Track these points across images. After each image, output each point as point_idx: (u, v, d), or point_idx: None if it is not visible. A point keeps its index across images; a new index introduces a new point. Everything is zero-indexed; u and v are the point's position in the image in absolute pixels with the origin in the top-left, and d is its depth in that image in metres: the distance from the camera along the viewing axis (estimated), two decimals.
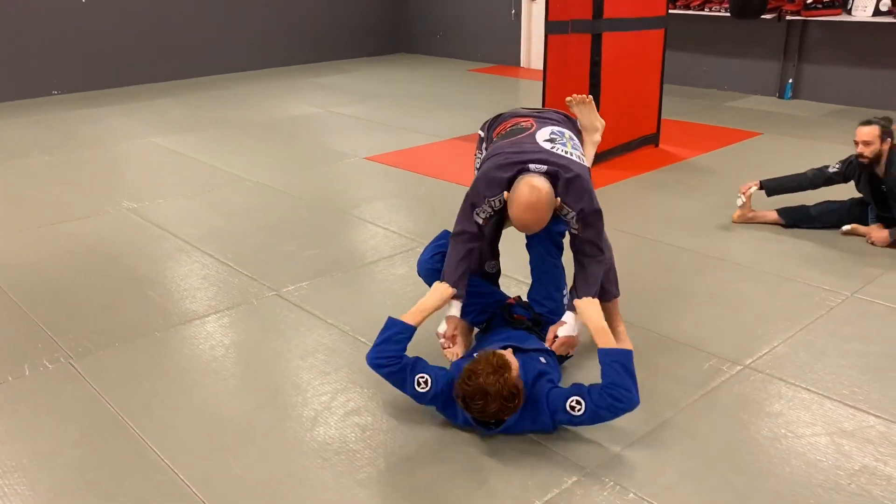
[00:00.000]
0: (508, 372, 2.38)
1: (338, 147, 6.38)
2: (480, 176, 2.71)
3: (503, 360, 2.40)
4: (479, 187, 2.68)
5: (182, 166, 5.89)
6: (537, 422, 2.51)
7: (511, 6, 10.10)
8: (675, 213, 4.69)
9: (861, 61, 7.40)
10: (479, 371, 2.36)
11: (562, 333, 2.71)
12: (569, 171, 2.61)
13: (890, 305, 3.45)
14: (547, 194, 2.54)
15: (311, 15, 10.58)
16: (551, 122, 2.87)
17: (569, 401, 2.46)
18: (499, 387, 2.33)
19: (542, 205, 2.53)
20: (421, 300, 2.70)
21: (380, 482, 2.37)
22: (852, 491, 2.30)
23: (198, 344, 3.23)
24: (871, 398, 2.76)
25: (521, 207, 2.54)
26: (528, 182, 2.54)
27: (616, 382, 2.43)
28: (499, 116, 3.07)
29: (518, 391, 2.41)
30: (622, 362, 2.46)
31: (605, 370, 2.46)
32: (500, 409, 2.38)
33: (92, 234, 4.47)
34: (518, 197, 2.54)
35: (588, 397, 2.44)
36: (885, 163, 4.02)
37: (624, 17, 5.47)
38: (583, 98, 3.12)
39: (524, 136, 2.75)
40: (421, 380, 2.56)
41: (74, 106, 8.12)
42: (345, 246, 4.29)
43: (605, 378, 2.45)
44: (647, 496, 2.29)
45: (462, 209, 2.73)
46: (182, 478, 2.40)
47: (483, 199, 2.66)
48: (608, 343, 2.51)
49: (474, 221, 2.70)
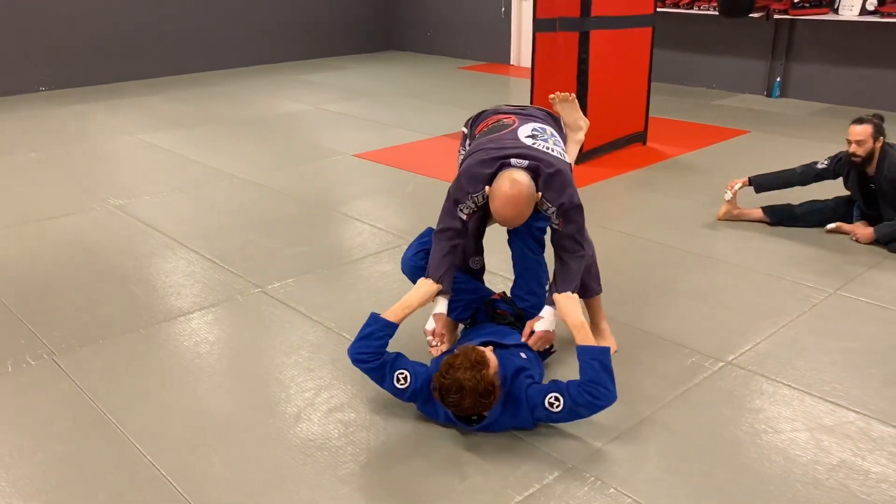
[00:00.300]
0: (486, 369, 2.39)
1: (326, 144, 6.37)
2: (463, 172, 2.72)
3: (481, 357, 2.41)
4: (462, 183, 2.69)
5: (169, 163, 5.87)
6: (517, 418, 2.52)
7: (501, 4, 10.10)
8: (662, 211, 4.70)
9: (848, 60, 7.44)
10: (456, 365, 2.38)
11: (538, 328, 2.72)
12: (550, 166, 2.62)
13: (871, 302, 3.48)
14: (527, 188, 2.56)
15: (302, 12, 10.55)
16: (533, 119, 2.88)
17: (547, 397, 2.48)
18: (474, 382, 2.35)
19: (523, 199, 2.55)
20: (405, 296, 2.70)
21: (361, 477, 2.37)
22: (830, 486, 2.32)
23: (182, 340, 3.23)
24: (851, 394, 2.79)
25: (501, 201, 2.56)
26: (508, 176, 2.56)
27: (594, 380, 2.44)
28: (482, 113, 3.07)
29: (494, 388, 2.42)
30: (600, 360, 2.47)
31: (583, 367, 2.47)
32: (474, 404, 2.39)
33: (77, 231, 4.46)
34: (499, 191, 2.56)
35: (567, 394, 2.46)
36: (877, 161, 4.04)
37: (611, 15, 5.48)
38: (566, 96, 3.13)
39: (506, 132, 2.76)
40: (400, 376, 2.58)
41: (61, 102, 8.08)
42: (331, 243, 4.29)
43: (584, 375, 2.46)
44: (628, 491, 2.30)
45: (445, 206, 2.74)
46: (163, 473, 2.40)
47: (466, 194, 2.67)
48: (586, 340, 2.53)
49: (458, 217, 2.71)
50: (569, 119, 3.15)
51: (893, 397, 2.76)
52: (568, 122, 3.15)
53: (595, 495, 2.29)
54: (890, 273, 3.78)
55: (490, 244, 3.13)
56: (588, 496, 2.29)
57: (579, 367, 2.49)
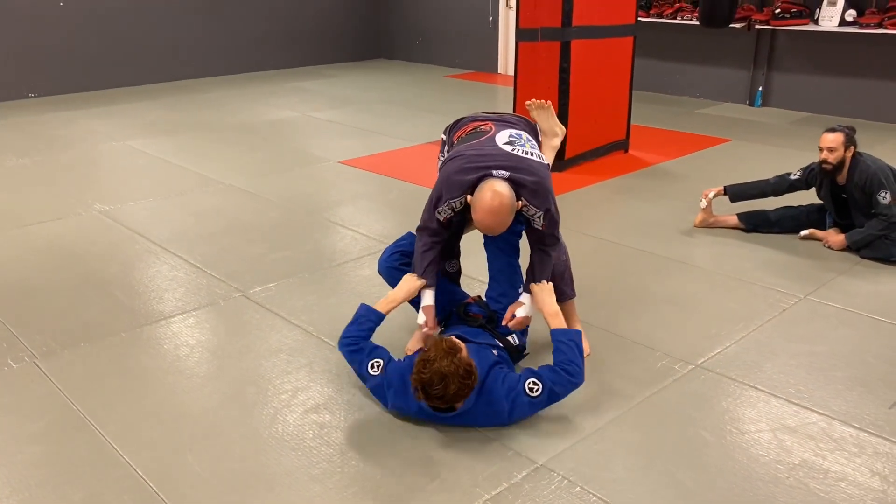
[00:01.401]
0: (460, 352, 2.50)
1: (312, 151, 6.43)
2: (443, 178, 2.79)
3: (452, 343, 2.52)
4: (441, 189, 2.77)
5: (156, 169, 5.92)
6: (493, 410, 2.59)
7: (489, 13, 10.20)
8: (639, 218, 4.78)
9: (828, 70, 7.55)
10: (431, 357, 2.46)
11: (520, 313, 2.86)
12: (531, 173, 2.71)
13: (840, 307, 3.56)
14: (509, 199, 2.64)
15: (293, 20, 10.62)
16: (510, 126, 2.95)
17: (526, 383, 2.59)
18: (454, 367, 2.44)
19: (504, 209, 2.64)
20: (391, 291, 2.87)
21: (333, 476, 2.43)
22: (790, 484, 2.39)
23: (162, 343, 3.28)
24: (816, 396, 2.86)
25: (483, 211, 2.64)
26: (491, 187, 2.63)
27: (570, 359, 2.64)
28: (460, 120, 3.14)
29: (472, 368, 2.52)
30: (575, 340, 2.68)
31: (559, 347, 2.65)
32: (459, 388, 2.47)
33: (62, 236, 4.50)
34: (481, 202, 2.63)
35: (544, 378, 2.60)
36: (847, 170, 4.13)
37: (593, 25, 5.57)
38: (541, 103, 3.21)
39: (484, 139, 2.83)
40: (375, 364, 2.72)
41: (50, 109, 8.12)
42: (313, 248, 4.34)
43: (559, 355, 2.64)
44: (593, 489, 2.36)
45: (427, 206, 2.84)
46: (140, 473, 2.44)
47: (444, 200, 2.75)
48: (561, 325, 2.72)
49: (436, 219, 2.80)
50: (545, 126, 3.22)
51: (856, 399, 2.84)
52: (544, 129, 3.22)
53: (561, 493, 2.35)
54: (860, 279, 3.87)
55: (468, 248, 3.20)
56: (555, 494, 2.35)
57: (554, 348, 2.66)
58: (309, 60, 10.95)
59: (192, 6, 9.67)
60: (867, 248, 4.08)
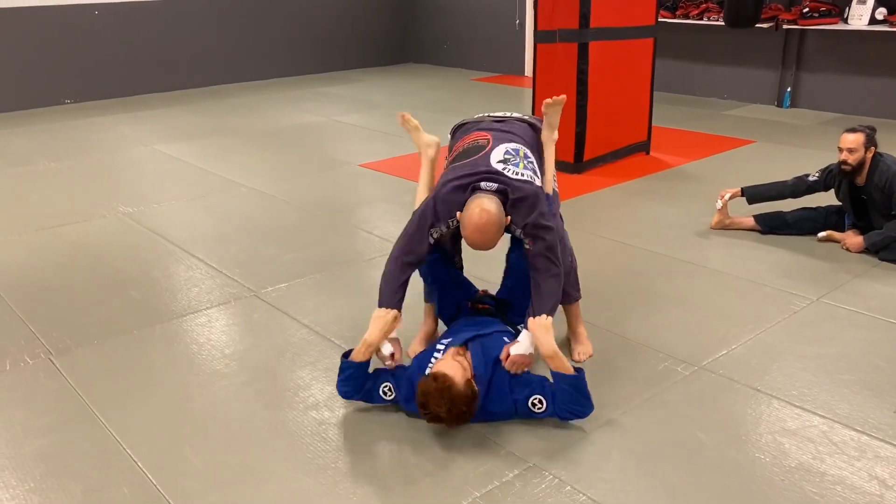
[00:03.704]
0: (454, 387, 2.48)
1: (335, 155, 6.51)
2: (438, 197, 2.75)
3: (445, 381, 2.48)
4: (437, 208, 2.73)
5: (181, 173, 6.05)
6: (501, 405, 2.64)
7: (515, 16, 10.20)
8: (655, 220, 4.75)
9: (858, 70, 7.41)
10: (428, 402, 2.49)
11: (514, 351, 2.70)
12: (517, 190, 2.69)
13: (853, 310, 3.49)
14: (496, 216, 2.61)
15: (322, 26, 10.76)
16: (509, 138, 2.91)
17: (531, 399, 2.61)
18: (450, 407, 2.46)
19: (492, 226, 2.61)
20: (366, 334, 2.73)
21: (326, 472, 2.47)
22: (785, 487, 2.36)
23: (173, 341, 3.36)
24: (819, 399, 2.81)
25: (471, 229, 2.62)
26: (478, 204, 2.61)
27: (571, 402, 2.61)
28: (464, 123, 3.16)
29: (470, 396, 2.51)
30: (575, 385, 2.60)
31: (560, 394, 2.60)
32: (461, 419, 2.53)
33: (85, 238, 4.63)
34: (469, 219, 2.62)
35: (551, 402, 2.61)
36: (867, 171, 4.05)
37: (611, 27, 5.55)
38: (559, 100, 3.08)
39: (479, 156, 2.81)
40: (385, 388, 2.73)
41: (84, 114, 8.34)
42: (327, 249, 4.40)
43: (562, 399, 2.60)
44: (583, 489, 2.36)
45: (409, 229, 2.78)
46: (140, 465, 2.51)
47: (440, 220, 2.74)
48: (560, 368, 2.62)
49: (427, 241, 2.76)
50: (554, 120, 3.12)
51: (861, 402, 2.79)
52: (553, 123, 3.12)
53: (551, 492, 2.36)
54: (876, 281, 3.79)
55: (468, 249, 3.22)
56: (544, 493, 2.35)
57: (555, 389, 2.61)
58: (338, 65, 11.07)
59: (222, 13, 9.86)
60: (886, 250, 4.00)
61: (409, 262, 2.79)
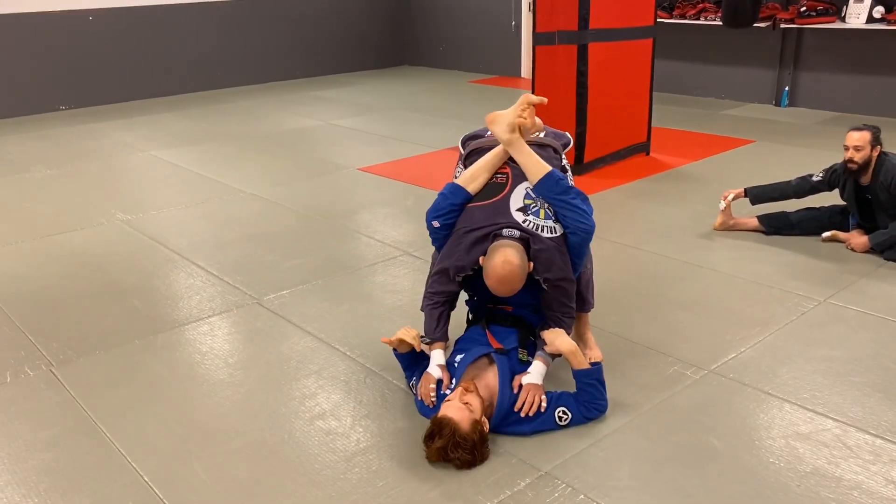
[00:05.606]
0: (459, 431, 2.43)
1: (333, 159, 6.47)
2: (462, 247, 2.74)
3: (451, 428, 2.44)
4: (460, 258, 2.74)
5: (179, 179, 6.00)
6: (528, 426, 2.64)
7: (511, 17, 10.18)
8: (658, 221, 4.72)
9: (856, 68, 7.40)
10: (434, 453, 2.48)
11: (526, 381, 2.69)
12: (538, 241, 2.68)
13: (860, 310, 3.47)
14: (520, 267, 2.59)
15: (317, 30, 10.72)
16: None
17: (556, 412, 2.65)
18: (458, 455, 2.44)
19: (515, 277, 2.60)
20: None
21: (335, 483, 2.43)
22: (800, 492, 2.33)
23: (175, 351, 3.31)
24: (831, 401, 2.79)
25: (494, 279, 2.60)
26: (502, 254, 2.59)
27: (595, 397, 2.69)
28: (476, 136, 3.08)
29: (476, 440, 2.46)
30: (598, 378, 2.70)
31: (584, 388, 2.68)
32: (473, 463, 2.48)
33: (84, 245, 4.58)
34: (492, 270, 2.60)
35: (574, 409, 2.67)
36: (872, 170, 4.03)
37: (610, 28, 5.52)
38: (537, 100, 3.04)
39: (499, 199, 2.77)
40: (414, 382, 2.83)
41: (80, 121, 8.29)
42: (328, 255, 4.36)
43: (584, 395, 2.67)
44: (596, 497, 2.33)
45: (439, 273, 2.80)
46: (146, 479, 2.47)
47: (462, 268, 2.74)
48: (581, 364, 2.69)
49: (455, 282, 2.79)
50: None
51: (873, 405, 2.76)
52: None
53: (565, 501, 2.32)
54: (883, 282, 3.77)
55: None
56: (558, 502, 2.32)
57: (578, 386, 2.68)
58: (333, 69, 11.04)
59: (216, 18, 9.81)
60: (891, 249, 3.98)
61: (440, 300, 2.84)
